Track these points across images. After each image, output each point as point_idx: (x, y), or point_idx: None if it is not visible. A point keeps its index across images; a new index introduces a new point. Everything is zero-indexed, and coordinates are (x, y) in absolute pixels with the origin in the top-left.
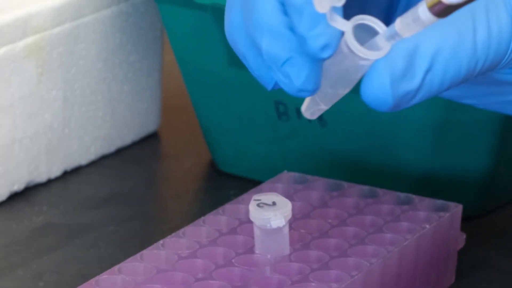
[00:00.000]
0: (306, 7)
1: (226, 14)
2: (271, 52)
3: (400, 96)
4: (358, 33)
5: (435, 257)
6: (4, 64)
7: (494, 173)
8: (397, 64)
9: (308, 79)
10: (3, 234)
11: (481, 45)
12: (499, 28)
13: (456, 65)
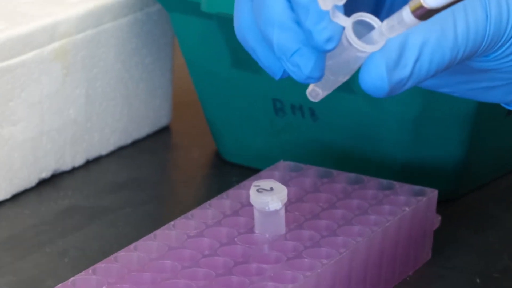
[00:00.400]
0: (312, 5)
1: (236, 15)
2: (281, 44)
3: (395, 83)
4: (357, 28)
5: (413, 236)
6: (34, 66)
7: (466, 162)
8: (391, 55)
9: (315, 68)
10: (33, 216)
11: (461, 37)
12: (476, 22)
13: (440, 55)
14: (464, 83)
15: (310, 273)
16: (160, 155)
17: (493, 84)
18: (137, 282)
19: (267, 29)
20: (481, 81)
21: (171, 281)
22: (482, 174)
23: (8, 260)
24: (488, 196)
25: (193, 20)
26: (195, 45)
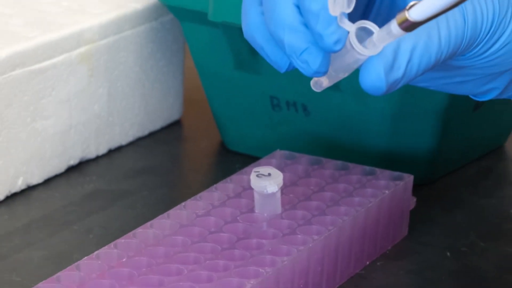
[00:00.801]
0: (322, 12)
1: (244, 17)
2: (291, 44)
3: (391, 83)
4: (359, 33)
5: (392, 215)
6: (62, 68)
7: (438, 151)
8: (387, 59)
9: (322, 64)
10: (62, 198)
11: (444, 41)
12: (456, 28)
13: (427, 57)
14: (441, 78)
15: (302, 247)
16: (172, 146)
17: (466, 79)
18: (153, 255)
19: (277, 31)
20: (455, 76)
21: (182, 254)
22: (452, 161)
23: (41, 237)
24: (457, 181)
25: (201, 28)
26: (203, 50)
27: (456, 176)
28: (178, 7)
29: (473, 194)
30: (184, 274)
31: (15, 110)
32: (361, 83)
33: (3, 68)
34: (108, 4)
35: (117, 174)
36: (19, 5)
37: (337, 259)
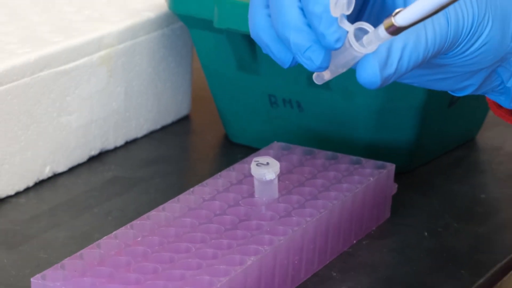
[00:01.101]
0: (324, 14)
1: (251, 19)
2: (296, 43)
3: (384, 78)
4: (356, 33)
5: (376, 200)
6: (85, 69)
7: (416, 143)
8: (382, 57)
9: (323, 61)
10: (84, 184)
11: (430, 41)
12: (441, 29)
13: (416, 55)
14: (425, 75)
15: (297, 228)
16: (182, 138)
17: (447, 76)
18: (165, 235)
19: (284, 31)
20: (438, 73)
21: (191, 234)
22: (429, 152)
23: (66, 219)
24: (434, 169)
25: (207, 34)
26: (209, 53)
27: (432, 165)
28: (187, 15)
29: (448, 181)
30: (192, 252)
31: (42, 106)
32: (358, 78)
33: (32, 69)
34: (125, 13)
35: (133, 163)
36: (46, 14)
37: (328, 238)
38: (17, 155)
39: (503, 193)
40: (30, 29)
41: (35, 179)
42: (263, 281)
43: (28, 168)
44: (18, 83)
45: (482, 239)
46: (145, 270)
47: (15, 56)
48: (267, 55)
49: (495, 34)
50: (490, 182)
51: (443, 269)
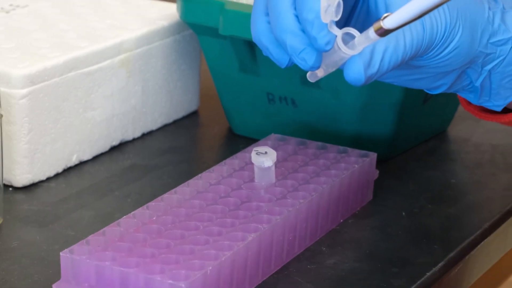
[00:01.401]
0: (316, 20)
1: (253, 25)
2: (292, 45)
3: (368, 76)
4: (344, 37)
5: (360, 184)
6: (107, 71)
7: (395, 135)
8: (366, 58)
9: (316, 61)
10: (106, 171)
11: (408, 45)
12: (417, 35)
13: (395, 57)
14: (404, 75)
15: (291, 208)
16: (191, 130)
17: (423, 76)
18: (176, 215)
19: (281, 35)
20: (415, 74)
21: (199, 214)
22: (406, 143)
23: (90, 201)
24: (410, 157)
25: (213, 40)
26: (215, 56)
27: (409, 154)
28: (195, 23)
29: (422, 168)
30: (200, 229)
31: (70, 103)
32: (346, 76)
33: (61, 70)
34: (142, 21)
35: (149, 152)
36: (73, 23)
37: (318, 217)
38: (48, 146)
39: (471, 178)
40: (59, 36)
41: (64, 166)
42: (262, 255)
43: (57, 156)
44: (49, 83)
45: (452, 219)
46: (159, 245)
47: (47, 59)
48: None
49: (465, 39)
50: (459, 169)
51: (419, 244)
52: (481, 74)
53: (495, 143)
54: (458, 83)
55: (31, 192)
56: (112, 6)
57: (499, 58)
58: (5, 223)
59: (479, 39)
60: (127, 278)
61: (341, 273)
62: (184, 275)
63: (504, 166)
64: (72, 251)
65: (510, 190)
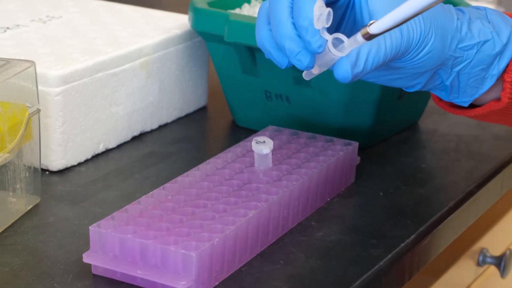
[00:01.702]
0: (310, 27)
1: (257, 33)
2: (290, 49)
3: (354, 75)
4: (334, 41)
5: (344, 168)
6: (129, 72)
7: (373, 127)
8: (352, 59)
9: (310, 62)
10: (128, 157)
11: (388, 48)
12: (396, 40)
13: (377, 59)
14: (385, 75)
15: (286, 189)
16: (201, 123)
17: (400, 76)
18: (188, 194)
19: (281, 40)
20: (394, 74)
21: (207, 194)
22: (383, 133)
23: (115, 182)
24: (387, 146)
25: (219, 46)
26: (220, 60)
27: (386, 143)
28: (204, 32)
29: (397, 154)
30: (208, 207)
31: (98, 99)
32: (335, 74)
33: (90, 72)
34: (159, 30)
35: (165, 141)
36: (101, 32)
37: (308, 196)
38: (78, 136)
39: (438, 164)
40: (88, 42)
41: (92, 153)
42: (261, 229)
43: (87, 145)
44: (80, 82)
45: (422, 198)
46: (173, 220)
47: (78, 62)
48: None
49: (436, 45)
50: (429, 156)
51: (394, 219)
52: (451, 75)
53: (459, 133)
54: (431, 82)
55: (65, 175)
56: (133, 17)
57: (466, 61)
58: (43, 201)
59: (449, 44)
60: (146, 248)
61: (328, 244)
62: (194, 246)
63: (466, 153)
64: (99, 225)
65: (471, 174)
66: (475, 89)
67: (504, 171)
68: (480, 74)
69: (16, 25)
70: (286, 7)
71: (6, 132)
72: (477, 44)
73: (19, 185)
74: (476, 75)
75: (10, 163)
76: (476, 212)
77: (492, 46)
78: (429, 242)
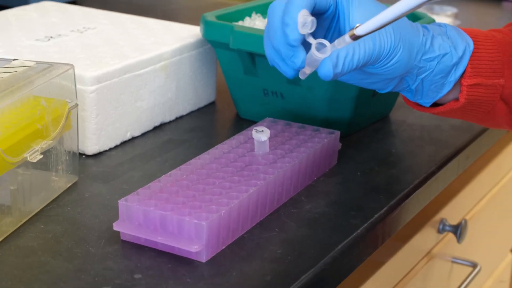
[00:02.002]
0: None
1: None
2: (285, 53)
3: (334, 74)
4: (318, 45)
5: (328, 152)
6: (151, 74)
7: (352, 119)
8: (333, 61)
9: (302, 63)
10: (151, 144)
11: (361, 55)
12: (369, 49)
13: (352, 63)
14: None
15: (280, 170)
16: (210, 115)
17: (375, 80)
18: (199, 174)
19: (278, 47)
20: (368, 79)
21: (216, 173)
22: (360, 124)
23: (139, 164)
24: (363, 134)
25: (225, 52)
26: (226, 63)
27: (362, 132)
28: (213, 40)
29: (372, 141)
30: (216, 185)
31: (125, 96)
32: (319, 73)
33: (119, 73)
34: (176, 39)
35: (181, 130)
36: (128, 40)
37: (299, 176)
38: (109, 126)
39: (406, 149)
40: (118, 49)
41: (121, 140)
42: (260, 202)
43: (116, 133)
44: (110, 82)
45: (393, 177)
46: (187, 195)
47: (109, 65)
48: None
49: (404, 56)
50: (398, 142)
51: (369, 195)
52: (416, 81)
53: (423, 124)
54: (400, 86)
55: (98, 159)
56: (155, 28)
57: (429, 70)
58: (80, 180)
59: (415, 56)
60: (165, 218)
61: (315, 215)
62: (205, 216)
63: (429, 140)
64: (127, 199)
65: (433, 157)
66: (436, 93)
67: (460, 155)
68: (440, 81)
69: (58, 35)
70: (279, 18)
71: (50, 123)
72: (438, 57)
73: (60, 167)
74: (437, 81)
75: (53, 149)
76: (437, 189)
77: (450, 58)
78: (398, 213)
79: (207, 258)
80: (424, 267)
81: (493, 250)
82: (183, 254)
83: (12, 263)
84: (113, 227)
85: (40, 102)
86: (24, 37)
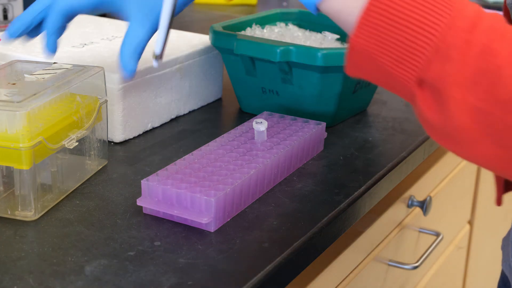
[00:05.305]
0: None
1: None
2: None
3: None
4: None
5: (316, 140)
6: (169, 74)
7: (335, 112)
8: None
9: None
10: (168, 133)
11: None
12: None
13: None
14: None
15: (276, 155)
16: (217, 109)
17: None
18: (209, 158)
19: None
20: None
21: (222, 158)
22: (342, 116)
23: (158, 150)
24: (345, 125)
25: (230, 56)
26: (231, 66)
27: (345, 123)
28: (220, 47)
29: (353, 131)
30: (223, 167)
31: (147, 93)
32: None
33: (142, 74)
34: (189, 46)
35: (193, 122)
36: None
37: (291, 160)
38: (133, 118)
39: (380, 137)
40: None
41: (143, 130)
42: (259, 181)
43: (139, 124)
44: (134, 81)
45: (370, 160)
46: (199, 176)
47: None
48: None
49: None
50: (374, 132)
51: (350, 176)
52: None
53: (395, 116)
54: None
55: (124, 145)
56: (171, 37)
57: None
58: (109, 163)
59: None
60: (180, 195)
61: (305, 192)
62: (213, 194)
63: (400, 130)
64: (148, 179)
65: (403, 144)
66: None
67: (425, 142)
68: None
69: (91, 42)
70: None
71: (84, 116)
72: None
73: (92, 152)
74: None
75: (87, 137)
76: (407, 170)
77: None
78: (374, 191)
79: (215, 228)
80: (396, 236)
81: (453, 221)
82: (195, 225)
83: (53, 232)
84: (137, 203)
85: (76, 98)
86: (62, 44)
